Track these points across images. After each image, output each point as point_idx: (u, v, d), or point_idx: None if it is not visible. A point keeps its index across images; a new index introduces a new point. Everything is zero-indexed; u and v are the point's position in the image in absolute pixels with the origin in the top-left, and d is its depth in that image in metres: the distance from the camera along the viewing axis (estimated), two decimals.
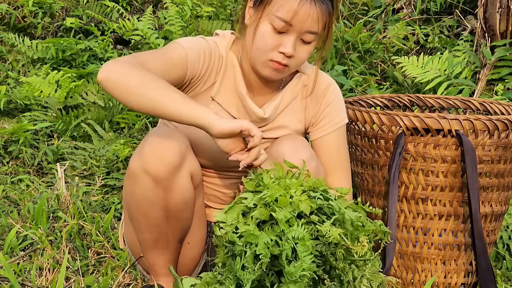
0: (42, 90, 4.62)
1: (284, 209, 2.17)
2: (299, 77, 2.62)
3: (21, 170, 3.99)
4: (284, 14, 2.41)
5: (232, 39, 2.59)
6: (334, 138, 2.62)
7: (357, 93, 4.64)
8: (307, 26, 2.42)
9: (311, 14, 2.41)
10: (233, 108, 2.56)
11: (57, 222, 3.30)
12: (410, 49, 5.21)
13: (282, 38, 2.44)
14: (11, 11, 5.43)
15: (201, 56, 2.50)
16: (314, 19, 2.42)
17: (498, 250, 3.14)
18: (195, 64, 2.48)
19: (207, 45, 2.53)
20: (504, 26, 4.53)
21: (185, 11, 5.36)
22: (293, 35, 2.43)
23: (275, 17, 2.41)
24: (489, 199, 2.76)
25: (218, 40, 2.58)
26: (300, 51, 2.46)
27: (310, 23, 2.42)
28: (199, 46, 2.51)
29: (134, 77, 2.31)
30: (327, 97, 2.62)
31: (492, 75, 4.49)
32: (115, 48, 5.42)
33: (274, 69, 2.46)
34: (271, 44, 2.44)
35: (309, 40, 2.46)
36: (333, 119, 2.62)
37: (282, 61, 2.45)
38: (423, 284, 2.77)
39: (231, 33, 2.60)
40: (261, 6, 2.45)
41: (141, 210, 2.48)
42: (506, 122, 2.68)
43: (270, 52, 2.45)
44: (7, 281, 2.68)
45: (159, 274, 2.59)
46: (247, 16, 2.51)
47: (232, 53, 2.57)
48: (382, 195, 2.79)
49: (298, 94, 2.62)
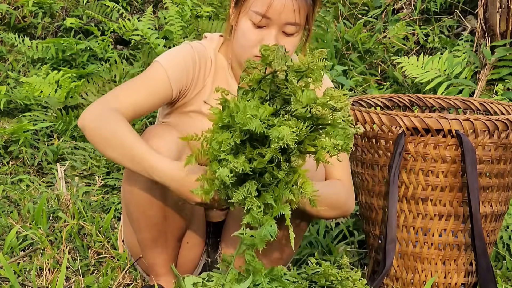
0: (42, 90, 4.62)
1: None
2: None
3: (21, 170, 3.99)
4: (259, 8, 2.40)
5: (220, 41, 2.59)
6: None
7: (357, 93, 4.64)
8: (285, 18, 2.41)
9: (286, 5, 2.40)
10: None
11: (57, 222, 3.30)
12: (410, 49, 5.21)
13: (264, 32, 2.43)
14: (11, 11, 5.43)
15: (185, 68, 2.50)
16: (291, 10, 2.41)
17: (498, 250, 3.14)
18: (179, 80, 2.48)
19: (192, 52, 2.52)
20: (504, 26, 4.53)
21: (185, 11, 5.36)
22: (274, 28, 2.43)
23: (252, 12, 2.41)
24: (489, 199, 2.76)
25: (206, 43, 2.57)
26: (284, 44, 2.46)
27: (287, 14, 2.41)
28: (183, 57, 2.51)
29: (96, 139, 2.37)
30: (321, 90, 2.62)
31: (492, 75, 4.49)
32: (115, 48, 5.41)
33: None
34: (253, 40, 2.44)
35: (291, 32, 2.44)
36: None
37: None
38: (423, 284, 2.77)
39: (219, 35, 2.60)
40: (239, 4, 2.46)
41: (140, 209, 2.49)
42: (506, 122, 2.68)
43: (253, 48, 2.44)
44: (7, 281, 2.68)
45: (159, 274, 2.59)
46: (231, 17, 2.51)
47: (221, 55, 2.57)
48: (382, 195, 2.79)
49: None
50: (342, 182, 2.57)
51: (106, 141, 2.35)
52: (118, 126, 2.36)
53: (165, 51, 2.58)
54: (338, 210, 2.52)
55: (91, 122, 2.36)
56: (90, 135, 2.37)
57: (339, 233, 3.27)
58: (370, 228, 2.86)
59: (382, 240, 2.76)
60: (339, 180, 2.56)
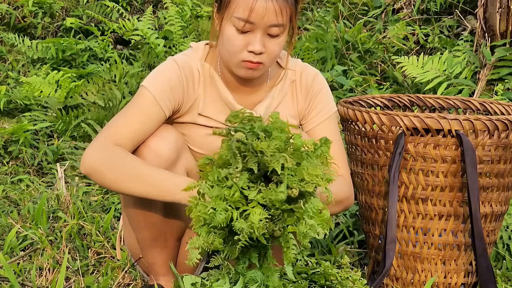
0: (42, 90, 4.63)
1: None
2: (286, 74, 2.62)
3: (21, 170, 3.99)
4: (241, 13, 2.39)
5: (206, 50, 2.57)
6: (326, 127, 2.63)
7: (357, 93, 4.64)
8: (268, 20, 2.40)
9: (268, 8, 2.39)
10: (223, 117, 2.55)
11: (57, 222, 3.30)
12: (410, 49, 5.21)
13: (249, 36, 2.42)
14: (11, 11, 5.44)
15: (172, 88, 2.49)
16: (273, 12, 2.40)
17: (498, 250, 3.14)
18: (168, 101, 2.48)
19: (177, 68, 2.51)
20: (504, 26, 4.53)
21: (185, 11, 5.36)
22: (259, 32, 2.42)
23: (235, 18, 2.40)
24: (489, 199, 2.76)
25: (191, 54, 2.56)
26: (271, 46, 2.45)
27: (270, 17, 2.40)
28: (168, 77, 2.50)
29: (107, 176, 2.37)
30: (315, 87, 2.62)
31: (492, 75, 4.49)
32: (115, 48, 5.42)
33: (249, 68, 2.45)
34: (239, 45, 2.43)
35: (276, 33, 2.43)
36: (323, 108, 2.62)
37: (254, 59, 2.43)
38: (423, 284, 2.77)
39: (205, 43, 2.59)
40: (222, 10, 2.45)
41: (139, 208, 2.49)
42: (506, 122, 2.68)
43: (240, 53, 2.43)
44: (7, 281, 2.68)
45: (159, 274, 2.60)
46: (215, 22, 2.50)
47: (208, 64, 2.55)
48: (382, 195, 2.79)
49: (288, 90, 2.62)
50: (343, 176, 2.58)
51: (119, 180, 2.36)
52: (128, 162, 2.37)
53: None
54: (342, 205, 2.55)
55: (98, 166, 2.37)
56: (100, 177, 2.38)
57: (339, 233, 3.27)
58: (370, 228, 2.86)
59: (382, 240, 2.76)
60: (340, 176, 2.57)
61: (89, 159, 2.38)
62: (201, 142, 2.55)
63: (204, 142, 2.55)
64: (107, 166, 2.37)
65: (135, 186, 2.36)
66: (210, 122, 2.54)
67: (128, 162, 2.37)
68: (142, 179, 2.35)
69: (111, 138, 2.41)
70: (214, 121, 2.55)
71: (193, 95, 2.53)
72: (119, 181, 2.36)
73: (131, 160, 2.38)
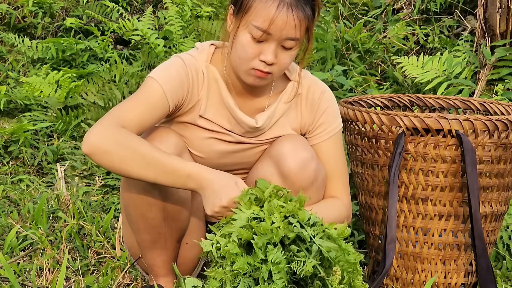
0: (42, 90, 4.62)
1: (263, 236, 2.21)
2: (292, 86, 2.60)
3: (21, 170, 3.99)
4: (261, 23, 2.38)
5: (211, 51, 2.56)
6: (331, 144, 2.62)
7: (357, 93, 4.64)
8: (286, 33, 2.39)
9: (288, 21, 2.37)
10: (224, 121, 2.55)
11: (57, 222, 3.30)
12: (410, 49, 5.21)
13: (262, 46, 2.41)
14: (11, 11, 5.43)
15: (179, 83, 2.48)
16: (292, 26, 2.38)
17: (498, 250, 3.14)
18: (175, 95, 2.47)
19: (184, 66, 2.50)
20: (504, 26, 4.53)
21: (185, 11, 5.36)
22: (273, 43, 2.40)
23: (253, 27, 2.38)
24: (489, 199, 2.76)
25: (196, 55, 2.54)
26: (282, 58, 2.43)
27: (288, 30, 2.38)
28: (176, 71, 2.48)
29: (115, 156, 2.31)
30: (322, 104, 2.61)
31: (492, 75, 4.48)
32: (115, 48, 5.42)
33: (257, 77, 2.44)
34: (252, 53, 2.41)
35: (290, 46, 2.42)
36: (329, 126, 2.62)
37: (264, 69, 2.42)
38: (423, 284, 2.77)
39: (210, 44, 2.57)
40: (240, 15, 2.42)
41: (139, 211, 2.48)
42: (506, 122, 2.68)
43: (251, 61, 2.42)
44: (7, 281, 2.68)
45: (159, 275, 2.59)
46: (229, 23, 2.48)
47: (212, 67, 2.54)
48: (382, 195, 2.79)
49: (292, 103, 2.60)
50: (342, 200, 2.59)
51: (127, 160, 2.31)
52: (136, 143, 2.34)
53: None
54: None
55: (105, 145, 2.31)
56: (106, 158, 2.31)
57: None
58: (370, 228, 2.86)
59: (382, 240, 2.76)
60: (338, 199, 2.58)
61: (95, 137, 2.31)
62: (200, 145, 2.55)
63: (203, 145, 2.55)
64: (114, 146, 2.31)
65: (144, 170, 2.32)
66: (211, 125, 2.54)
67: (137, 144, 2.33)
68: (152, 163, 2.32)
69: (117, 120, 2.36)
70: (215, 124, 2.54)
71: (197, 96, 2.52)
72: (127, 163, 2.31)
73: (141, 142, 2.34)
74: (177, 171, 2.33)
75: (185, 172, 2.33)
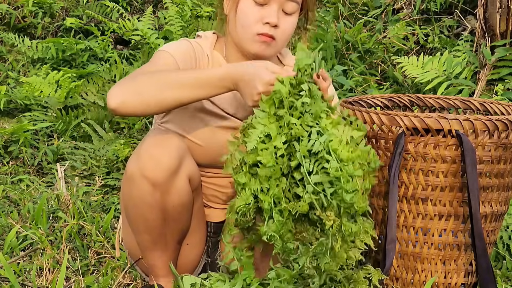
0: (42, 90, 4.63)
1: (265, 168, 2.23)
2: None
3: (21, 170, 3.99)
4: None
5: (214, 39, 2.61)
6: None
7: (357, 93, 4.64)
8: None
9: None
10: (227, 105, 2.56)
11: (57, 222, 3.30)
12: (410, 49, 5.21)
13: (264, 9, 2.47)
14: (11, 11, 5.44)
15: (189, 59, 2.53)
16: None
17: (498, 250, 3.14)
18: (184, 66, 2.50)
19: (191, 48, 2.55)
20: (504, 26, 4.53)
21: (185, 11, 5.36)
22: (275, 5, 2.46)
23: None
24: (489, 199, 2.76)
25: (201, 42, 2.59)
26: (284, 22, 2.49)
27: None
28: (186, 49, 2.54)
29: (144, 88, 2.33)
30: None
31: (492, 75, 4.49)
32: (115, 48, 5.42)
33: (262, 42, 2.48)
34: (254, 17, 2.47)
35: (291, 11, 2.49)
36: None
37: (269, 32, 2.47)
38: (423, 284, 2.77)
39: (212, 33, 2.62)
40: None
41: (139, 212, 2.48)
42: (506, 122, 2.68)
43: (255, 25, 2.47)
44: (7, 281, 2.68)
45: (159, 275, 2.59)
46: (225, 6, 2.54)
47: (217, 52, 2.59)
48: (382, 195, 2.79)
49: None
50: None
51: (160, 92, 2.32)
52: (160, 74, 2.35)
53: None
54: None
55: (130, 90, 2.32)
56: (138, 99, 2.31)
57: None
58: None
59: (382, 240, 2.76)
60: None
61: (119, 88, 2.33)
62: (203, 132, 2.55)
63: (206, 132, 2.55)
64: (142, 86, 2.32)
65: (180, 93, 2.33)
66: (215, 109, 2.55)
67: (162, 75, 2.35)
68: (184, 83, 2.33)
69: (132, 75, 2.39)
70: (218, 107, 2.55)
71: None
72: (161, 94, 2.32)
73: (163, 72, 2.37)
74: (210, 80, 2.34)
75: (217, 78, 2.34)
